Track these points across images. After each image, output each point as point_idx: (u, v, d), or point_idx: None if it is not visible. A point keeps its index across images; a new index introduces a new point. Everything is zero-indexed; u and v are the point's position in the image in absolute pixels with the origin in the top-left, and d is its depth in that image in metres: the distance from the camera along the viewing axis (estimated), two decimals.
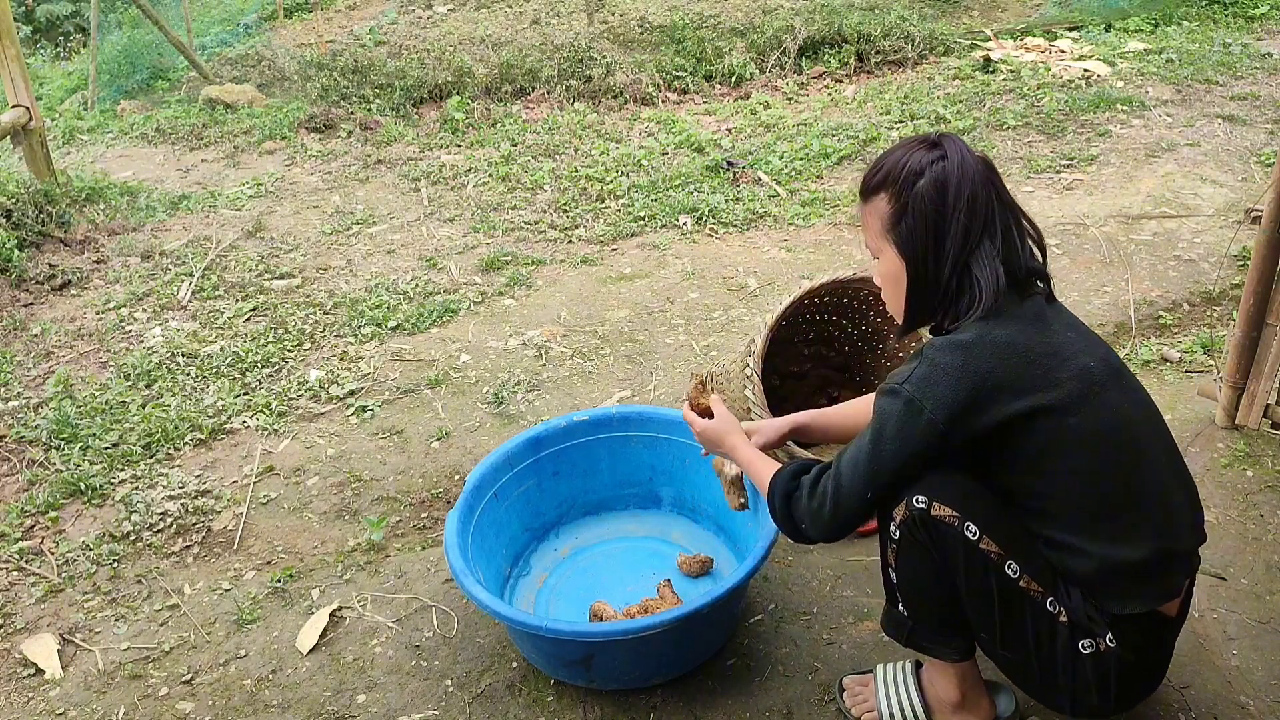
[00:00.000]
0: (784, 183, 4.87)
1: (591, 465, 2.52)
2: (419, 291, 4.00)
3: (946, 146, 1.62)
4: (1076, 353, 1.57)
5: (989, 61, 6.44)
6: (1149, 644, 1.63)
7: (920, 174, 1.60)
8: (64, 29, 11.42)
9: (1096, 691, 1.62)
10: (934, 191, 1.58)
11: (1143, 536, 1.56)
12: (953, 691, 1.83)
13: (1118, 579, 1.57)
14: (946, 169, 1.59)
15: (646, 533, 2.53)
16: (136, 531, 2.69)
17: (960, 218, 1.57)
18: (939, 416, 1.53)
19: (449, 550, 2.07)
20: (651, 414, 2.50)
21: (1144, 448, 1.59)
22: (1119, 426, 1.56)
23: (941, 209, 1.58)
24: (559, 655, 2.00)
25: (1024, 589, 1.60)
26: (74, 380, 3.46)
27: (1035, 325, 1.58)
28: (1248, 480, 2.56)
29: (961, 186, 1.57)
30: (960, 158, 1.60)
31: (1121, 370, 1.63)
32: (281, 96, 7.00)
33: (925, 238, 1.60)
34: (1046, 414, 1.53)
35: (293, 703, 2.11)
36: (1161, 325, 3.38)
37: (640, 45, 7.24)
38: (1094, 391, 1.54)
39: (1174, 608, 1.65)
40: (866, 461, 1.61)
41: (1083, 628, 1.60)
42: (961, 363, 1.53)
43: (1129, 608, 1.59)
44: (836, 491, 1.64)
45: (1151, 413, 1.65)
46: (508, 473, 2.37)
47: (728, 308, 3.72)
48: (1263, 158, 4.70)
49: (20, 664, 2.28)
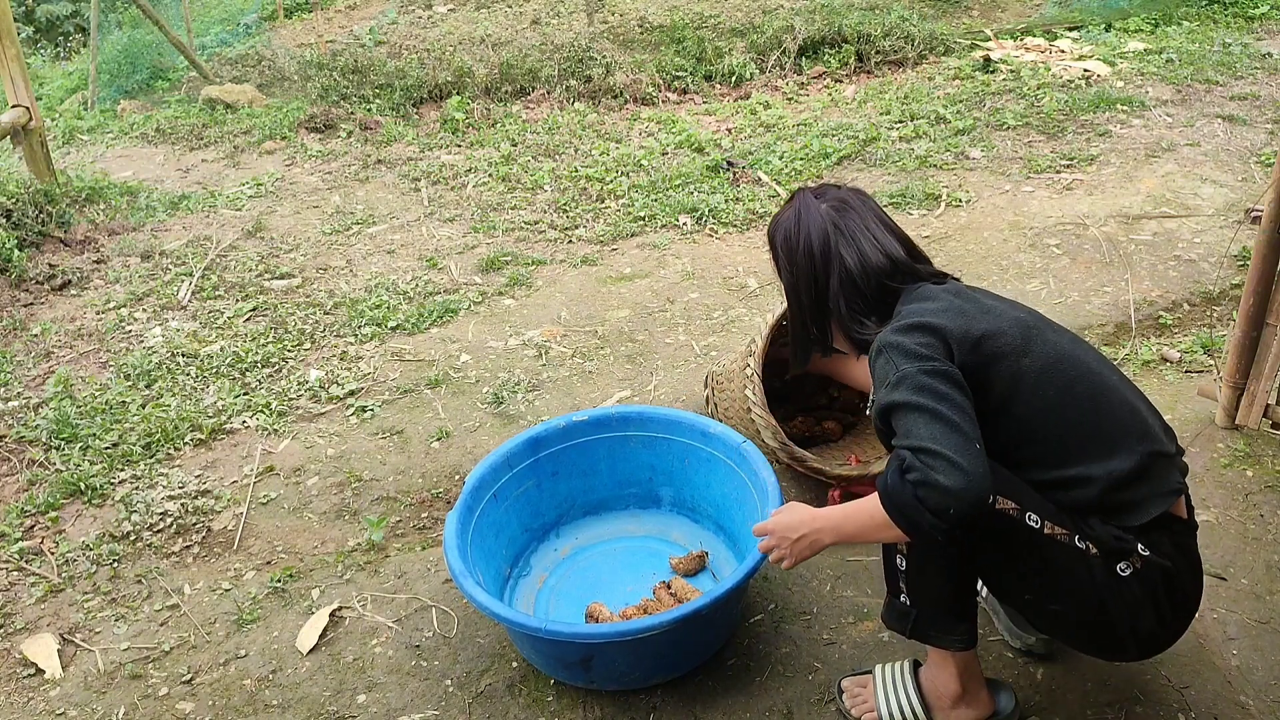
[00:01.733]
0: (784, 183, 4.87)
1: (591, 465, 2.52)
2: (419, 291, 4.00)
3: (798, 201, 1.92)
4: (1005, 309, 1.75)
5: (989, 61, 6.44)
6: (1178, 550, 1.67)
7: (777, 228, 1.94)
8: (64, 29, 11.43)
9: (1152, 610, 1.64)
10: (783, 245, 1.92)
11: (1129, 446, 1.64)
12: (953, 684, 1.83)
13: (1124, 490, 1.63)
14: (787, 225, 1.91)
15: (646, 532, 2.53)
16: (136, 531, 2.69)
17: (800, 264, 1.87)
18: (945, 360, 1.62)
19: (448, 551, 2.07)
20: (651, 414, 2.50)
21: (1096, 370, 1.71)
22: (1067, 359, 1.69)
23: (791, 257, 1.89)
24: (558, 656, 2.00)
25: (1050, 536, 1.62)
26: (74, 380, 3.46)
27: (959, 297, 1.76)
28: (1248, 480, 2.56)
29: (793, 238, 1.88)
30: (804, 213, 1.89)
31: (1047, 318, 1.80)
32: (281, 96, 7.00)
33: (795, 279, 1.90)
34: (1000, 356, 1.65)
35: (293, 703, 2.11)
36: (1161, 325, 3.38)
37: (640, 45, 7.24)
38: (1033, 334, 1.69)
39: (1182, 509, 1.71)
40: (916, 392, 1.55)
41: (1115, 551, 1.62)
42: (918, 318, 1.68)
43: (1148, 513, 1.63)
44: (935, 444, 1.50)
45: (1088, 345, 1.79)
46: (507, 473, 2.37)
47: (728, 308, 3.72)
48: (1263, 158, 4.70)
49: (20, 664, 2.28)
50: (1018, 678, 2.01)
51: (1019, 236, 4.10)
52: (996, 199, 4.50)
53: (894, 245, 1.86)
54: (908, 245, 1.90)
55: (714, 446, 2.40)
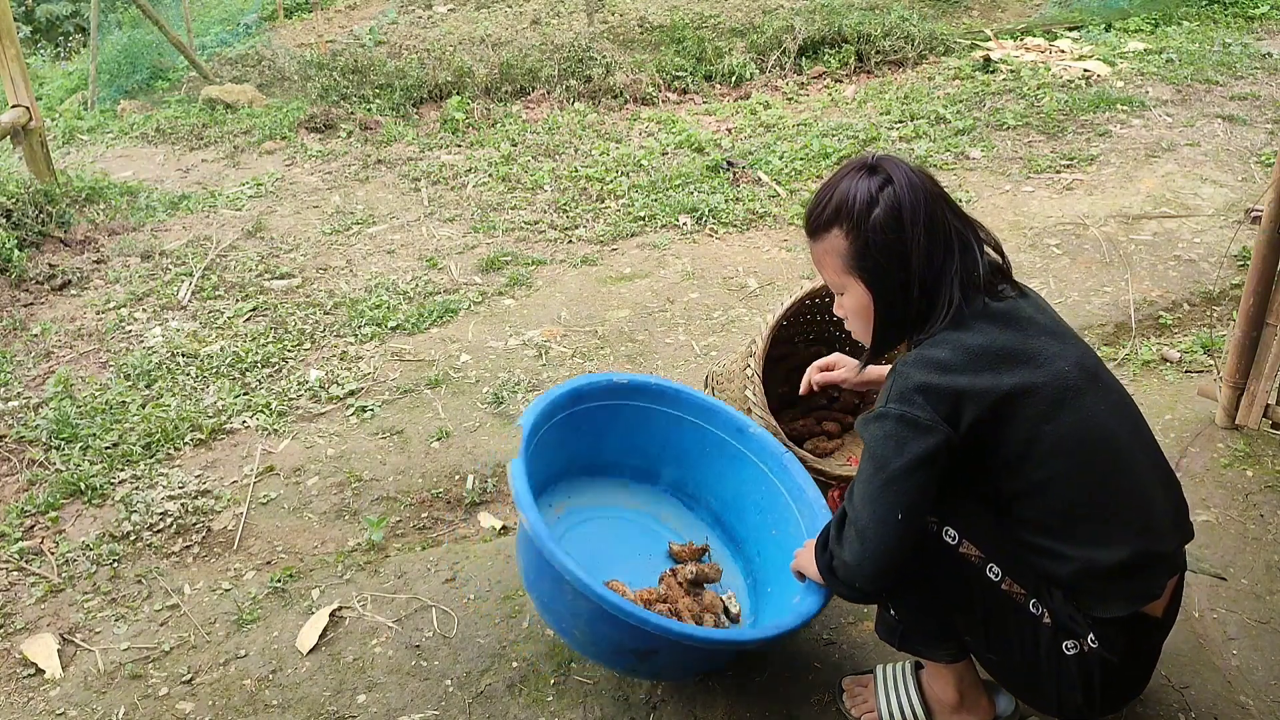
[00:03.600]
0: (784, 183, 4.87)
1: (610, 427, 2.39)
2: (419, 291, 4.00)
3: (889, 169, 1.60)
4: (1051, 358, 1.56)
5: (989, 61, 6.44)
6: (1133, 646, 1.63)
7: (872, 204, 1.58)
8: (64, 29, 11.43)
9: (1081, 692, 1.62)
10: (891, 220, 1.57)
11: (1121, 538, 1.55)
12: (950, 692, 1.83)
13: (1097, 581, 1.57)
14: (897, 194, 1.57)
15: (637, 506, 2.45)
16: (136, 531, 2.69)
17: (921, 241, 1.57)
18: (935, 418, 1.52)
19: (524, 508, 1.84)
20: (690, 396, 2.39)
21: (1122, 450, 1.58)
22: (1095, 431, 1.55)
23: (902, 237, 1.57)
24: (622, 643, 1.87)
25: (1006, 591, 1.61)
26: (74, 380, 3.46)
27: (1008, 328, 1.57)
28: (1248, 480, 2.56)
29: (916, 210, 1.57)
30: (907, 179, 1.59)
31: (1098, 372, 1.61)
32: (281, 96, 7.01)
33: (891, 269, 1.59)
34: (1023, 417, 1.52)
35: (293, 703, 2.11)
36: (1161, 325, 3.38)
37: (640, 45, 7.25)
38: (1069, 397, 1.53)
39: (1159, 609, 1.64)
40: (880, 490, 1.55)
41: (1066, 629, 1.60)
42: (938, 370, 1.54)
43: (1110, 610, 1.58)
44: (862, 534, 1.57)
45: (1130, 413, 1.64)
46: (547, 423, 2.20)
47: (728, 308, 3.72)
48: (1263, 158, 4.70)
49: (20, 664, 2.28)
50: None
51: (1019, 236, 4.10)
52: (996, 199, 4.51)
53: (991, 239, 1.68)
54: (997, 246, 1.69)
55: (749, 447, 2.33)
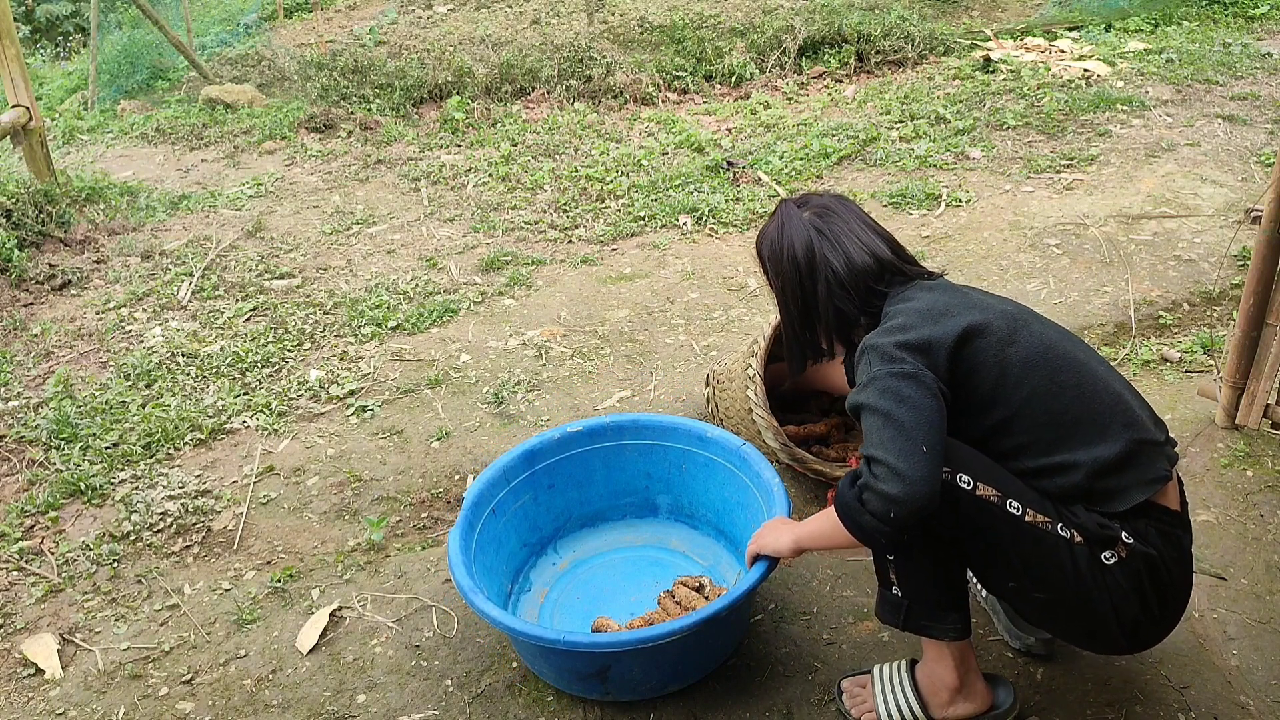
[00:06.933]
0: (784, 183, 4.87)
1: (587, 476, 2.49)
2: (419, 291, 4.00)
3: (782, 213, 1.95)
4: (991, 304, 1.77)
5: (989, 61, 6.44)
6: (1165, 540, 1.66)
7: (759, 246, 1.99)
8: (64, 29, 11.43)
9: (1138, 601, 1.64)
10: (773, 260, 1.95)
11: (1115, 433, 1.66)
12: (951, 676, 1.83)
13: (1109, 477, 1.65)
14: (773, 240, 1.94)
15: (644, 541, 2.50)
16: (136, 531, 2.69)
17: (790, 267, 1.90)
18: (920, 367, 1.63)
19: (455, 569, 2.03)
20: (647, 421, 2.47)
21: (1082, 361, 1.72)
22: (1054, 348, 1.71)
23: (778, 266, 1.93)
24: (575, 669, 1.98)
25: (1032, 523, 1.63)
26: (74, 380, 3.46)
27: (946, 293, 1.80)
28: (1248, 480, 2.56)
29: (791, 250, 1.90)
30: (783, 225, 1.93)
31: (1035, 311, 1.82)
32: (281, 96, 7.00)
33: (786, 299, 1.94)
34: (986, 351, 1.67)
35: (293, 703, 2.11)
36: (1161, 325, 3.38)
37: (640, 45, 7.24)
38: (1019, 326, 1.72)
39: (1174, 499, 1.70)
40: (895, 434, 1.57)
41: (1098, 539, 1.63)
42: (901, 330, 1.69)
43: (1131, 499, 1.64)
44: (893, 469, 1.55)
45: (1075, 337, 1.80)
46: (504, 488, 2.33)
47: (728, 308, 3.72)
48: (1263, 158, 4.70)
49: (20, 664, 2.28)
50: (1018, 678, 2.01)
51: (1019, 236, 4.10)
52: (996, 199, 4.51)
53: (880, 246, 1.89)
54: (894, 246, 1.92)
55: (712, 451, 2.38)
